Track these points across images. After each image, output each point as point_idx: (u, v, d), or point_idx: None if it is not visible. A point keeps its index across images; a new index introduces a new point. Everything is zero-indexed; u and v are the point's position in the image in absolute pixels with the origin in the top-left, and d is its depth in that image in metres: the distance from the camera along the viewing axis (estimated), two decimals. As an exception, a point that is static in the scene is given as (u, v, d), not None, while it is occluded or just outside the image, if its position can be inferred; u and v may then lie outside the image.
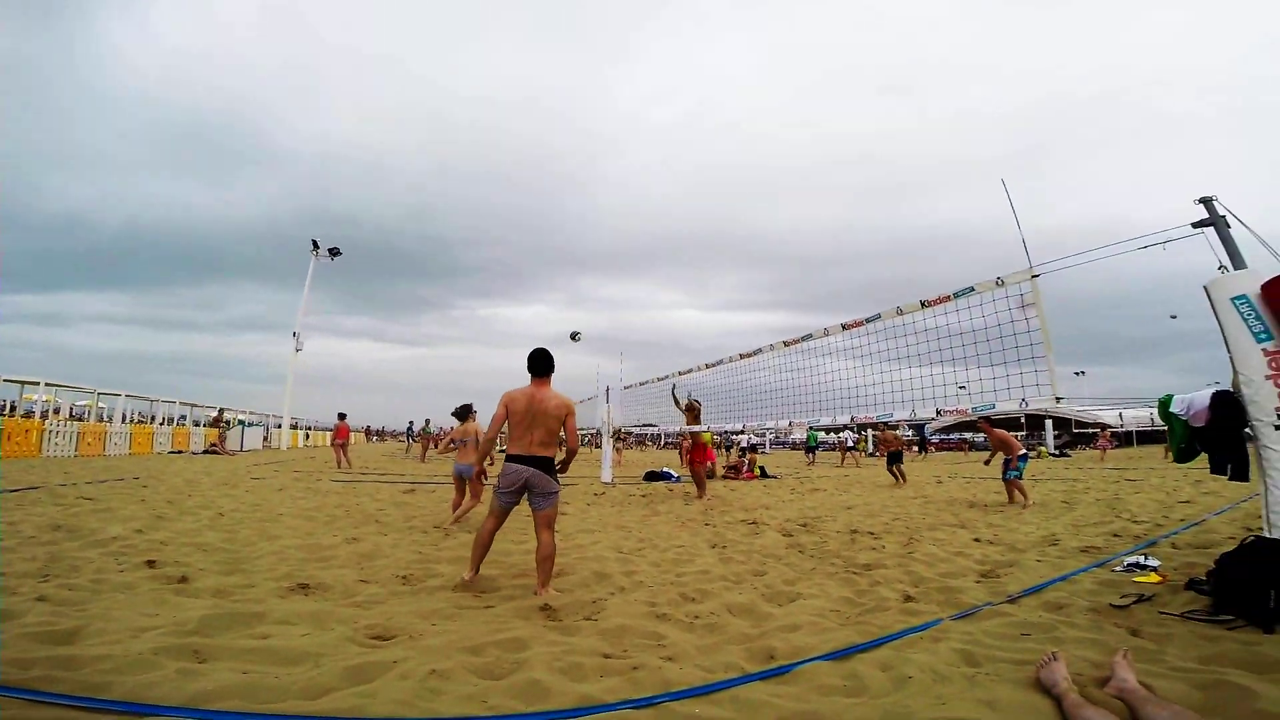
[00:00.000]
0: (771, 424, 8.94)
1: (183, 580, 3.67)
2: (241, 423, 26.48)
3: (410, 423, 26.45)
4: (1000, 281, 4.67)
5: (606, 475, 12.26)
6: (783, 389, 8.17)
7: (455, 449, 6.89)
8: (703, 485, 9.48)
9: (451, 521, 6.23)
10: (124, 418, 21.48)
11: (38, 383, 18.65)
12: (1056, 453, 27.78)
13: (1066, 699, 1.93)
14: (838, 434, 26.17)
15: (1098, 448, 24.26)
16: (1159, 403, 4.00)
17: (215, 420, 24.69)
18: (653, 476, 13.06)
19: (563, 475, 3.85)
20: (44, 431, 15.14)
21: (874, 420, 6.59)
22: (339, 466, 14.88)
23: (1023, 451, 8.37)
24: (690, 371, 10.76)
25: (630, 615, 3.25)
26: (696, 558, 4.82)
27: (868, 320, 6.17)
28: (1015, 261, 4.54)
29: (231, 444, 22.84)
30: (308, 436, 35.94)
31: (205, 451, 20.52)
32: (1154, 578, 3.70)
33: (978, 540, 5.46)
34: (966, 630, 2.90)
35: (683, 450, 10.00)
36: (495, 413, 3.77)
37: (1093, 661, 2.38)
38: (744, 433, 22.58)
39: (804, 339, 7.41)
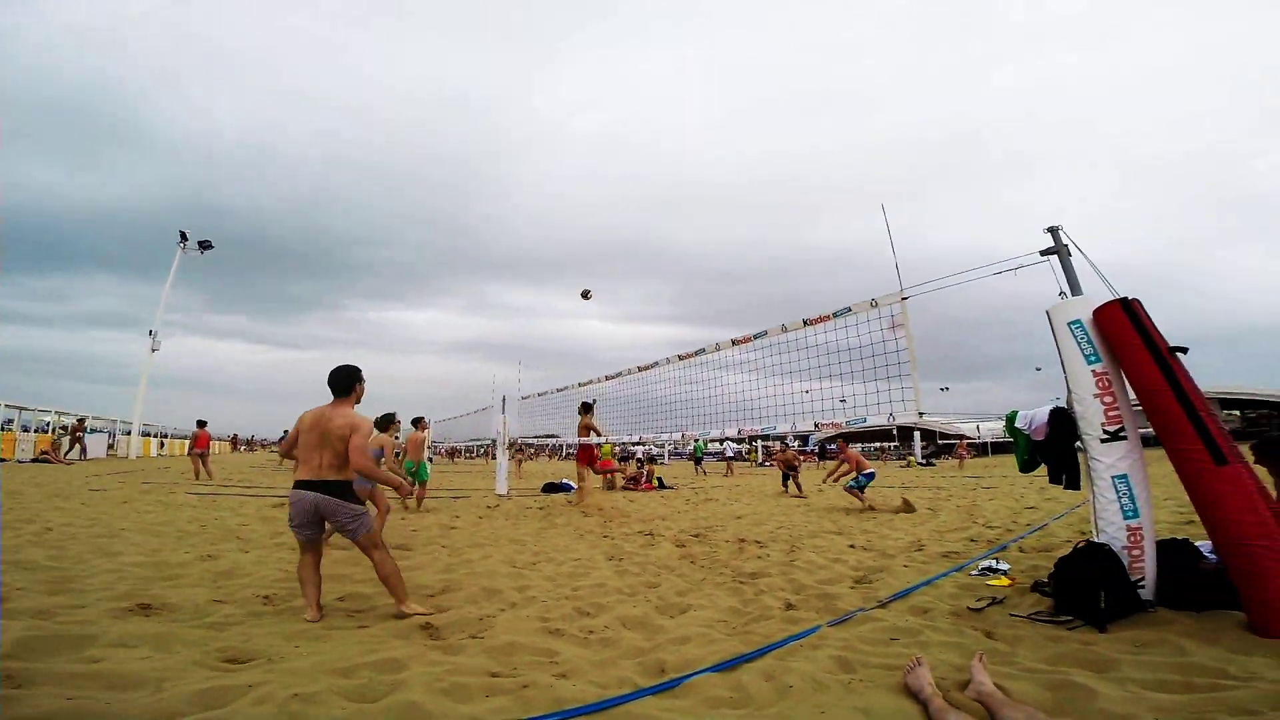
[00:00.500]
0: (668, 436, 9.09)
1: (-7, 601, 3.16)
2: (68, 428, 23.41)
3: (285, 431, 24.45)
4: (874, 303, 5.00)
5: (501, 487, 11.92)
6: (679, 401, 8.35)
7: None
8: (586, 490, 9.78)
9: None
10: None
11: None
12: (924, 462, 30.24)
13: (932, 704, 2.06)
14: (720, 444, 27.09)
15: (956, 457, 26.87)
16: (1006, 418, 4.40)
17: (74, 429, 21.78)
18: (552, 488, 12.85)
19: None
20: None
21: (760, 432, 6.87)
22: (197, 478, 13.62)
23: (870, 470, 9.31)
24: (591, 382, 10.73)
25: (521, 631, 3.15)
26: (593, 570, 4.76)
27: (756, 336, 6.43)
28: (889, 284, 4.87)
29: (71, 452, 20.15)
30: (162, 445, 32.71)
31: (35, 460, 17.96)
32: (1004, 581, 4.05)
33: (853, 546, 5.78)
34: (843, 636, 3.03)
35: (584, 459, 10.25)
36: (290, 432, 3.58)
37: (954, 665, 2.55)
38: (643, 444, 22.81)
39: (698, 353, 7.61)
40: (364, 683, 2.40)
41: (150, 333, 26.75)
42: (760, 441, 31.91)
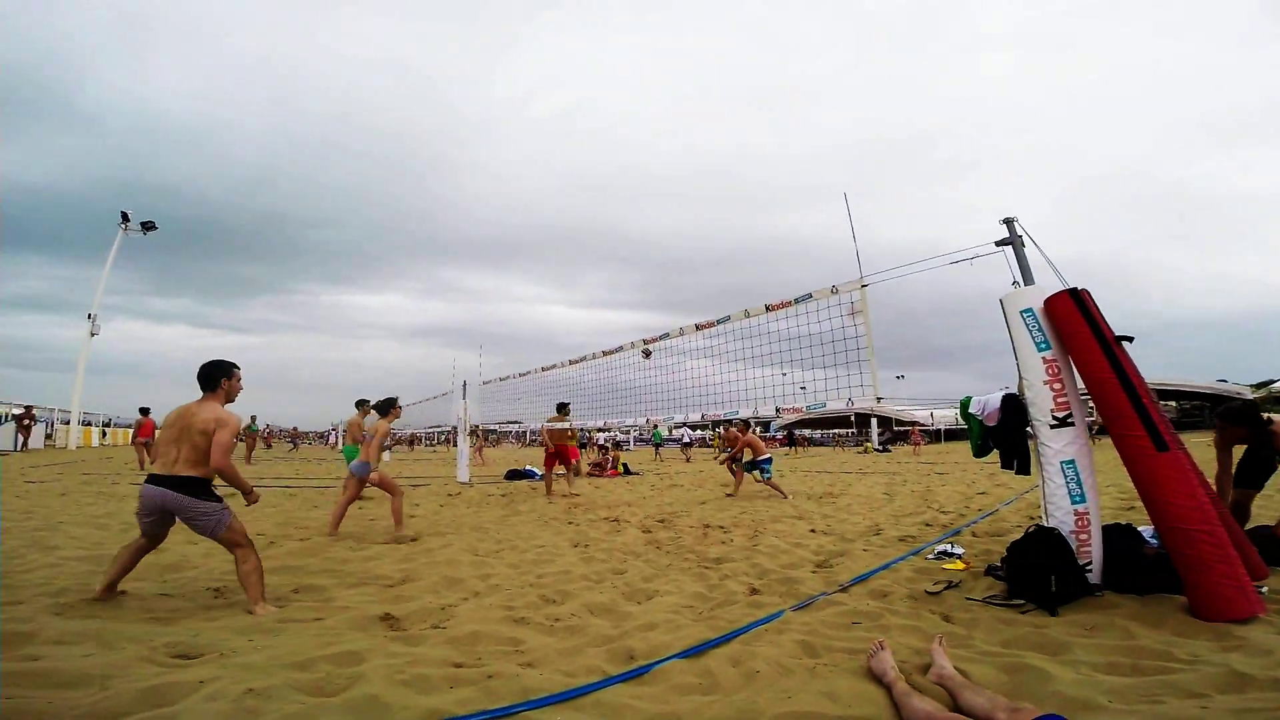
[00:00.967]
0: (632, 421, 9.08)
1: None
2: (14, 417, 22.17)
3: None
4: (835, 290, 5.05)
5: (463, 474, 11.76)
6: (643, 387, 8.33)
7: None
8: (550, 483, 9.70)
9: (331, 530, 5.68)
10: None
11: None
12: (880, 448, 31.08)
13: (895, 687, 2.10)
14: (678, 430, 27.39)
15: (912, 443, 27.71)
16: (960, 404, 4.53)
17: (21, 418, 20.59)
18: (515, 475, 12.74)
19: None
20: None
21: (723, 417, 6.93)
22: (142, 468, 13.01)
23: (768, 455, 9.27)
24: (555, 367, 10.63)
25: (485, 621, 3.11)
26: (558, 558, 4.73)
27: (719, 321, 6.45)
28: (849, 272, 4.93)
29: (2, 443, 19.08)
30: (105, 434, 31.23)
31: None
32: (959, 565, 4.17)
33: (814, 531, 5.90)
34: (806, 621, 3.08)
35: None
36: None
37: (914, 648, 2.61)
38: (607, 430, 22.83)
39: (662, 338, 7.60)
40: (322, 676, 2.33)
41: (89, 316, 25.39)
42: (721, 428, 32.25)
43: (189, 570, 4.08)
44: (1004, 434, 4.09)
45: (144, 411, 14.43)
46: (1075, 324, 3.46)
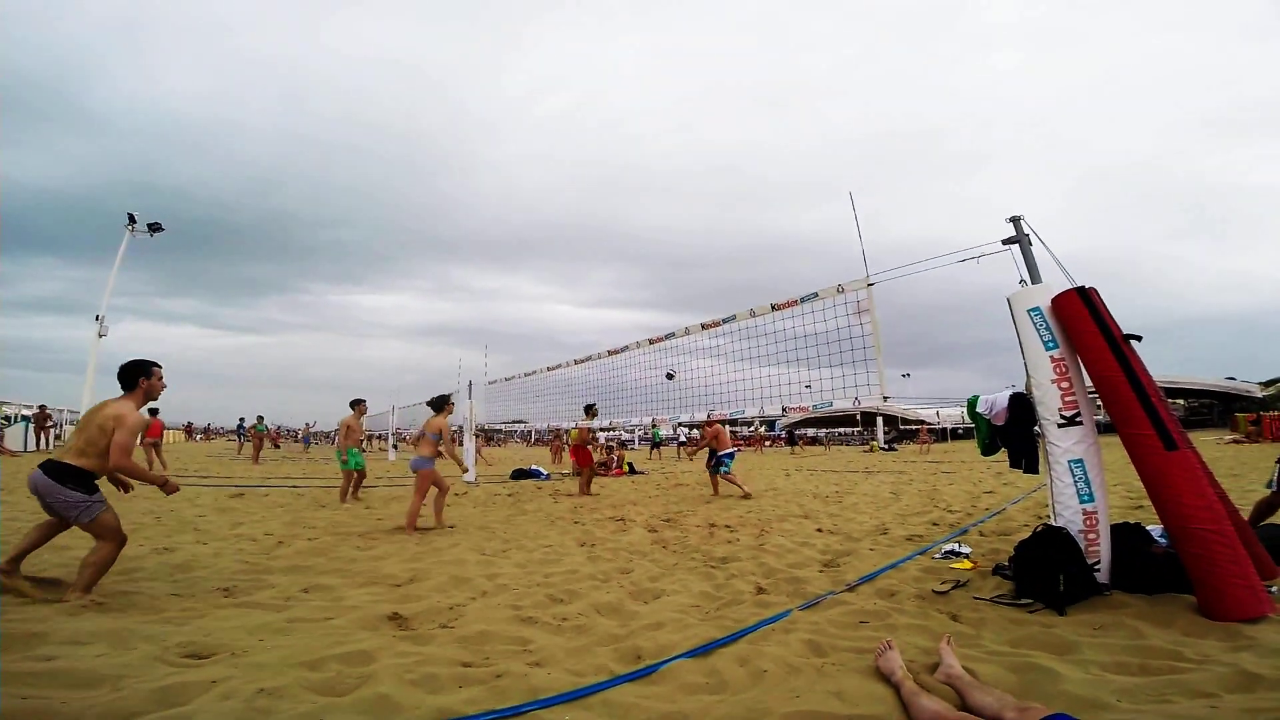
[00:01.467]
0: (638, 420, 9.09)
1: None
2: (26, 419, 22.32)
3: (241, 419, 23.61)
4: (841, 288, 5.05)
5: (469, 474, 11.79)
6: (649, 386, 8.36)
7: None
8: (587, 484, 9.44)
9: (409, 528, 5.82)
10: None
11: None
12: (886, 447, 30.98)
13: (904, 687, 2.11)
14: (675, 430, 27.56)
15: (920, 442, 27.65)
16: (968, 402, 4.51)
17: (37, 417, 20.76)
18: (521, 474, 12.76)
19: None
20: None
21: (729, 416, 6.93)
22: (150, 468, 13.08)
23: (730, 450, 8.90)
24: (560, 366, 10.65)
25: (493, 620, 3.12)
26: (565, 557, 4.74)
27: (724, 321, 6.46)
28: (857, 268, 4.93)
29: (12, 442, 19.20)
30: (113, 434, 31.26)
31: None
32: (967, 564, 4.16)
33: (820, 530, 5.88)
34: (813, 620, 3.08)
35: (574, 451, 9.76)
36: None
37: (922, 648, 2.61)
38: (612, 429, 22.91)
39: (668, 337, 7.62)
40: (332, 675, 2.35)
41: (97, 318, 25.56)
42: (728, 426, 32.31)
43: (199, 570, 4.11)
44: (1012, 433, 4.08)
45: (152, 412, 14.49)
46: (1083, 322, 3.45)
